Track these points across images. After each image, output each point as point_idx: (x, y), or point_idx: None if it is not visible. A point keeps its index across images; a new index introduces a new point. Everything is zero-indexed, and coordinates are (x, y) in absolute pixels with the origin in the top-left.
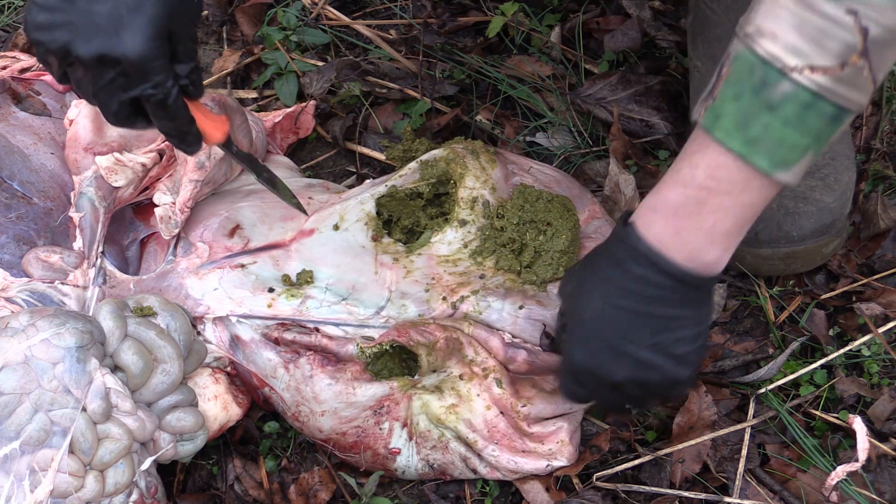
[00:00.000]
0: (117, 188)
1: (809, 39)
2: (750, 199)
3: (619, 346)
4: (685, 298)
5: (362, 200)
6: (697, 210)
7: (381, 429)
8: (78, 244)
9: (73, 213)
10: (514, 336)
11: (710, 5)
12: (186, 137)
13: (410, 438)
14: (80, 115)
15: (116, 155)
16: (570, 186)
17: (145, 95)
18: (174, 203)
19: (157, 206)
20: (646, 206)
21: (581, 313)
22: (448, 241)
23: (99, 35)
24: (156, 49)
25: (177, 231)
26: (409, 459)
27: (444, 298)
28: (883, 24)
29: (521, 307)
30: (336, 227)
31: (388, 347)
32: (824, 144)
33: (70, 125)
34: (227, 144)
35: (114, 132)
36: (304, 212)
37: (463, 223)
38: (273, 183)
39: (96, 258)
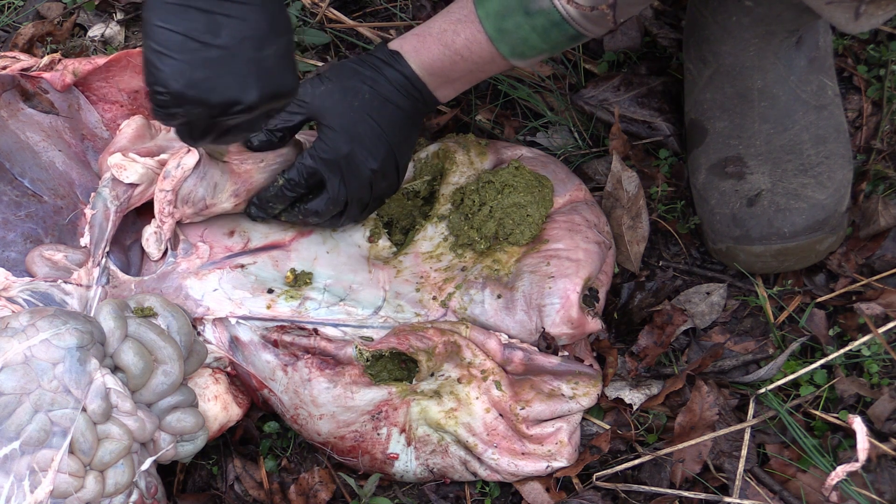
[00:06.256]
0: (133, 187)
1: None
2: (488, 69)
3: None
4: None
5: None
6: (450, 64)
7: (378, 434)
8: (85, 240)
9: (87, 210)
10: (510, 337)
11: (700, 8)
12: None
13: (409, 444)
14: (128, 126)
15: (131, 154)
16: (556, 170)
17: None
18: (158, 229)
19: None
20: (413, 37)
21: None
22: (429, 236)
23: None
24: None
25: (161, 251)
26: (407, 464)
27: (435, 298)
28: None
29: (498, 297)
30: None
31: (386, 353)
32: (558, 52)
33: (118, 131)
34: None
35: (150, 142)
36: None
37: (442, 218)
38: None
39: (102, 257)
